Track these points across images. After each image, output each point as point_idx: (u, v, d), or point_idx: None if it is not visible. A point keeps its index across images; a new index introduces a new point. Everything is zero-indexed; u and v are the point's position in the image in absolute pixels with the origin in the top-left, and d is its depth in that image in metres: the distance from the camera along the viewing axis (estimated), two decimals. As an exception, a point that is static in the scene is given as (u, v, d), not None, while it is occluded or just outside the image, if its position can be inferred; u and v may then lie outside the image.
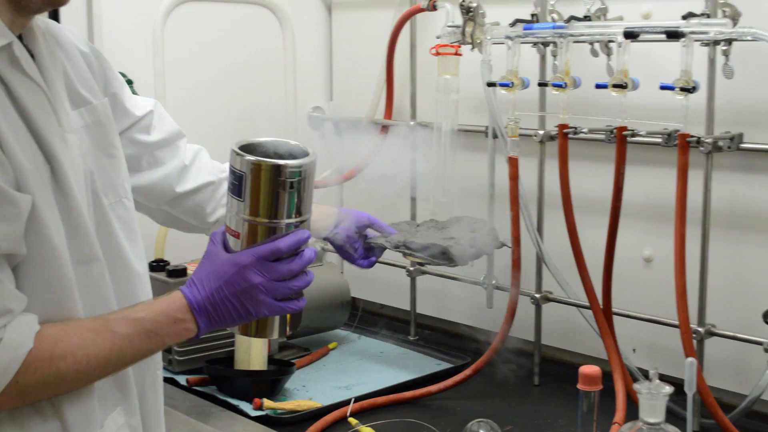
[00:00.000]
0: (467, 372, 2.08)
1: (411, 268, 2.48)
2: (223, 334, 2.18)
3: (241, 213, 1.37)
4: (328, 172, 2.70)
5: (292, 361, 2.23)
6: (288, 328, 1.44)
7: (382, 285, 2.66)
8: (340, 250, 1.76)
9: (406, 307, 2.56)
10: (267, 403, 1.96)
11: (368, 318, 2.65)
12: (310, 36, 2.76)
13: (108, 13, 2.33)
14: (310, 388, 2.12)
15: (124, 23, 2.38)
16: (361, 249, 1.76)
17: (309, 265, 1.41)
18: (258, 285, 1.36)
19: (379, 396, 2.05)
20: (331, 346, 2.34)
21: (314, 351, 2.34)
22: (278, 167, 1.35)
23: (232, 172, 1.37)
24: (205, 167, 1.72)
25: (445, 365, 2.25)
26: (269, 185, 1.35)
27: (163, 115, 1.67)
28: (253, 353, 2.11)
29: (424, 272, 2.49)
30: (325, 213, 1.76)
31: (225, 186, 1.63)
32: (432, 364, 2.26)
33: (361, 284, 2.62)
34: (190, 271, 2.19)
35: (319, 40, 2.80)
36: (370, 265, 1.76)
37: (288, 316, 1.43)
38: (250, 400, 1.98)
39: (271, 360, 2.17)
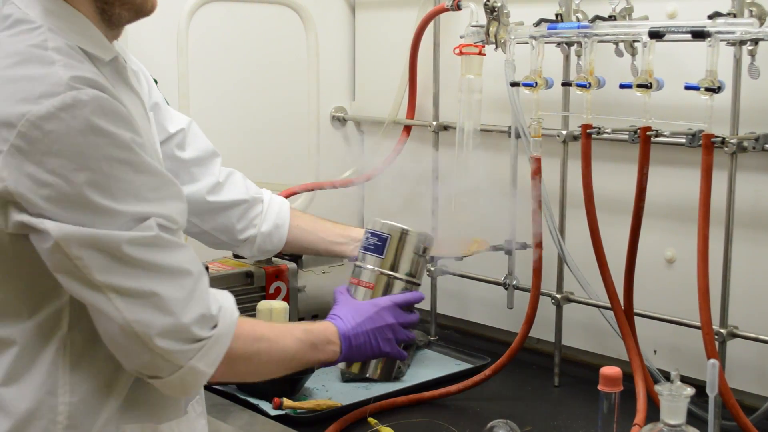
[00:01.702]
0: (487, 372, 2.07)
1: (432, 268, 2.48)
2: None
3: (378, 268, 1.75)
4: (349, 171, 2.70)
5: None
6: (382, 372, 1.78)
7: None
8: None
9: (427, 307, 2.55)
10: (286, 402, 1.96)
11: (389, 318, 2.64)
12: (333, 36, 2.77)
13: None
14: (329, 388, 2.12)
15: (148, 23, 2.38)
16: None
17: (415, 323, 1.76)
18: (392, 325, 1.66)
19: (398, 396, 2.04)
20: (351, 345, 2.33)
21: (334, 350, 2.33)
22: (421, 235, 1.78)
23: (375, 234, 1.77)
24: (237, 186, 1.81)
25: (464, 365, 2.24)
26: (409, 248, 1.76)
27: (198, 134, 1.75)
28: (273, 352, 2.11)
29: (444, 272, 2.48)
30: (353, 236, 1.93)
31: (258, 207, 1.84)
32: (451, 365, 2.25)
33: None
34: (212, 270, 2.19)
35: (343, 39, 2.81)
36: None
37: (388, 362, 1.76)
38: (269, 399, 1.97)
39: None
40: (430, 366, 2.25)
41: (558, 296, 2.17)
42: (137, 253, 1.22)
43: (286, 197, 2.10)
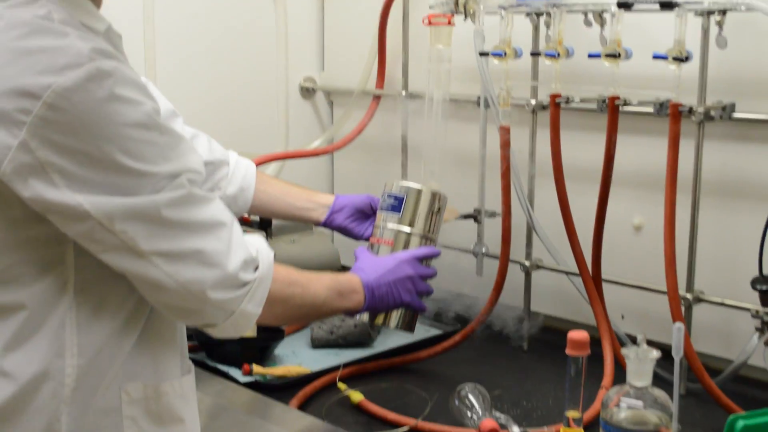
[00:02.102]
0: (456, 338, 2.09)
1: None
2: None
3: (396, 225, 1.84)
4: (318, 141, 2.70)
5: (282, 327, 2.23)
6: (406, 325, 1.83)
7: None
8: (343, 231, 1.95)
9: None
10: (256, 368, 1.96)
11: (358, 287, 2.65)
12: (302, 6, 2.75)
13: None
14: (299, 354, 2.12)
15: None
16: (367, 227, 1.95)
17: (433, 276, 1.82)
18: (412, 276, 1.74)
19: (368, 362, 2.05)
20: (320, 313, 2.34)
21: (304, 318, 2.34)
22: (435, 193, 1.86)
23: (392, 195, 1.85)
24: (202, 147, 1.83)
25: (434, 331, 2.25)
26: (425, 206, 1.84)
27: (155, 93, 1.71)
28: (242, 319, 2.11)
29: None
30: (321, 202, 1.94)
31: (224, 169, 1.84)
32: (421, 331, 2.26)
33: (351, 252, 2.61)
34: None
35: (312, 9, 2.79)
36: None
37: (409, 314, 1.82)
38: (239, 366, 1.98)
39: (260, 327, 2.16)
40: (400, 332, 2.25)
41: (527, 263, 2.19)
42: (176, 214, 1.25)
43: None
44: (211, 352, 2.06)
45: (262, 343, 2.09)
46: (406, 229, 1.83)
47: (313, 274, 1.57)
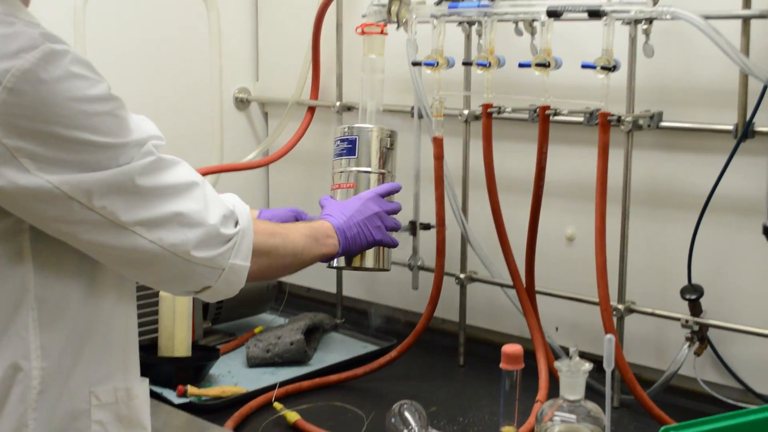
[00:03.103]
0: (392, 354, 2.07)
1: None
2: (147, 321, 2.12)
3: (354, 167, 1.91)
4: (254, 153, 2.66)
5: (217, 347, 2.20)
6: (381, 263, 1.88)
7: (309, 268, 2.61)
8: None
9: (333, 290, 2.54)
10: (191, 389, 1.93)
11: (294, 301, 2.62)
12: (235, 14, 2.72)
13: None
14: (235, 374, 2.10)
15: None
16: None
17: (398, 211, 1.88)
18: (379, 213, 1.80)
19: (304, 380, 2.03)
20: (257, 330, 2.31)
21: (239, 336, 2.31)
22: (384, 130, 1.93)
23: (344, 139, 1.93)
24: None
25: (371, 347, 2.24)
26: (377, 143, 1.92)
27: None
28: (177, 339, 2.07)
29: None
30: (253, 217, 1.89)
31: None
32: (358, 347, 2.25)
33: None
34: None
35: (245, 18, 2.76)
36: None
37: (382, 251, 1.87)
38: (173, 387, 1.95)
39: (195, 346, 2.14)
40: (337, 349, 2.24)
41: (462, 276, 2.18)
42: (149, 181, 1.26)
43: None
44: (145, 373, 2.01)
45: (197, 362, 2.06)
46: (364, 168, 1.90)
47: (289, 224, 1.63)
